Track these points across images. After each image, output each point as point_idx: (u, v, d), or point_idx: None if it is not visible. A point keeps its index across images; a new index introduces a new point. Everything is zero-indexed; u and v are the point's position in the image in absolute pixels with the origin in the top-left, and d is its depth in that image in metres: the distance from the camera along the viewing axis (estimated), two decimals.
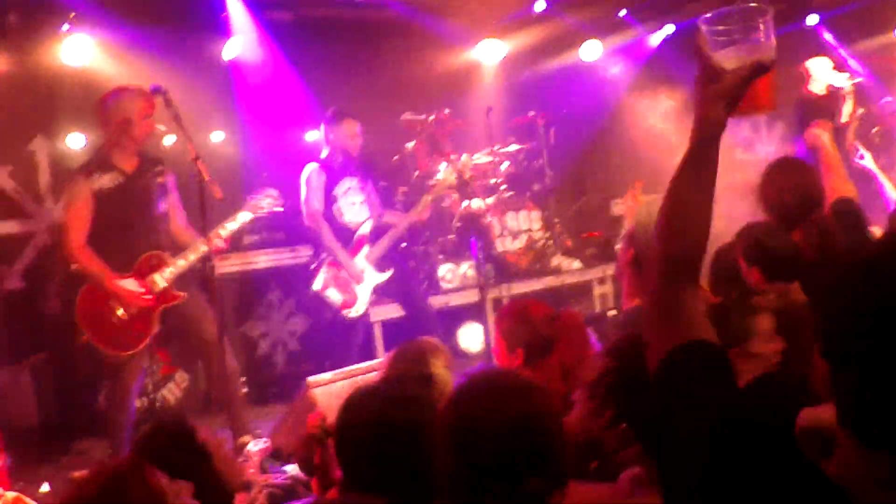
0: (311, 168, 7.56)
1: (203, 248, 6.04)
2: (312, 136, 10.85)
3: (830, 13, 11.75)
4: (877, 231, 5.04)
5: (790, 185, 4.80)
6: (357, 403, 2.77)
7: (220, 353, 5.99)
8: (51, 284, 7.64)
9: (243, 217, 6.36)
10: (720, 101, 1.87)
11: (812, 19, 11.88)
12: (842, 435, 1.51)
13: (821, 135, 5.88)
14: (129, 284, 5.96)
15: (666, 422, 1.71)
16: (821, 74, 8.34)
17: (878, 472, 1.45)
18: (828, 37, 11.89)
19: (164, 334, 6.62)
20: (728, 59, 1.88)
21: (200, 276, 6.74)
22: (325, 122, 7.70)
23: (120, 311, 5.97)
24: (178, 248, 6.25)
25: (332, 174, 7.57)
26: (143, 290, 5.99)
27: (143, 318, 6.03)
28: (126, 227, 6.05)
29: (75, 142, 8.50)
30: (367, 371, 5.50)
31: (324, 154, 7.67)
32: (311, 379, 5.33)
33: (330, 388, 5.18)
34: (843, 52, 11.67)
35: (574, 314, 4.56)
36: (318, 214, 7.51)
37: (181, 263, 6.10)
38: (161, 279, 6.04)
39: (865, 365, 1.42)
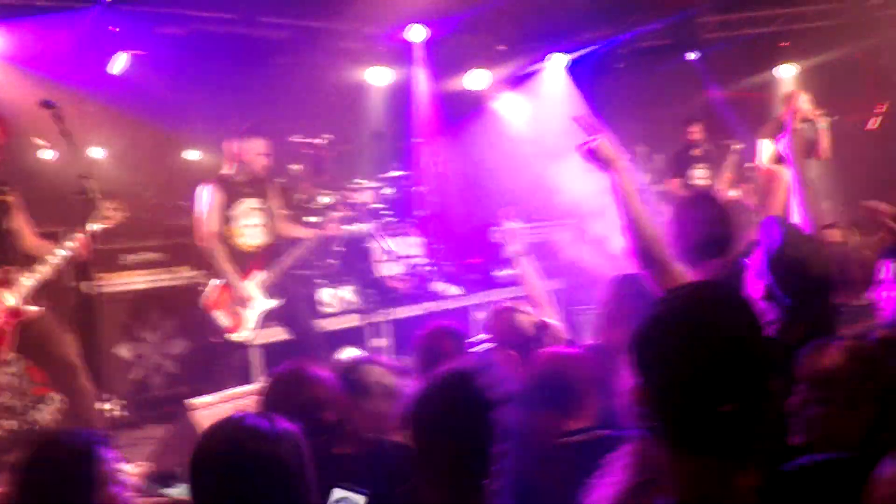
0: (207, 187, 7.25)
1: (54, 261, 5.92)
2: (194, 155, 10.75)
3: (712, 49, 12.10)
4: None
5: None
6: (214, 435, 2.58)
7: (78, 371, 5.90)
8: None
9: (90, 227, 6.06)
10: None
11: (692, 56, 12.24)
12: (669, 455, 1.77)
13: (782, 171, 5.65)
14: None
15: None
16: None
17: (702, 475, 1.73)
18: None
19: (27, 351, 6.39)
20: None
21: (56, 293, 6.55)
22: (234, 136, 7.37)
23: None
24: (31, 264, 6.06)
25: (231, 193, 7.29)
26: None
27: None
28: None
29: None
30: (250, 394, 5.47)
31: (226, 170, 7.39)
32: (193, 401, 5.27)
33: (212, 412, 5.13)
34: (719, 89, 12.12)
35: None
36: (214, 236, 7.21)
37: (29, 280, 5.88)
38: (10, 296, 5.85)
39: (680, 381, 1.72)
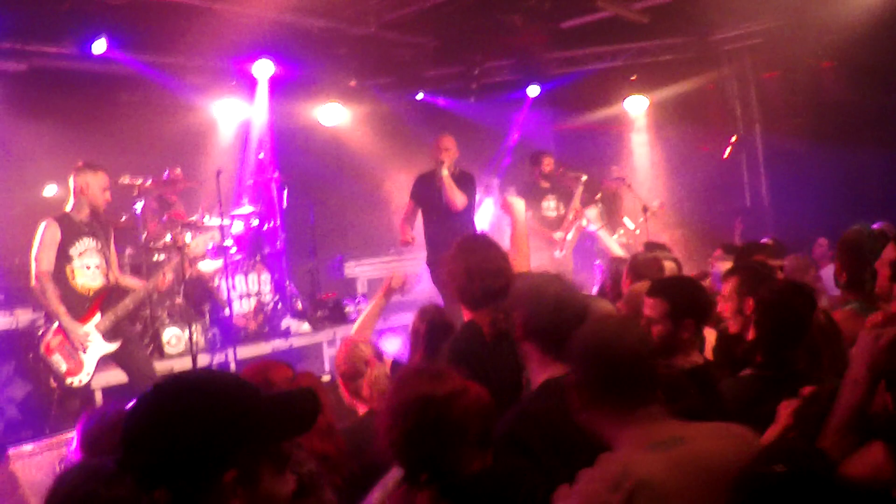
0: (46, 223, 7.01)
1: None
2: (51, 190, 10.54)
3: (560, 83, 12.38)
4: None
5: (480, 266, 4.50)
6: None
7: None
8: None
9: None
10: None
11: (533, 90, 12.51)
12: None
13: (515, 203, 5.60)
14: None
15: None
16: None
17: None
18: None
19: None
20: None
21: None
22: (75, 171, 7.14)
23: None
24: None
25: (70, 232, 7.05)
26: None
27: None
28: None
29: None
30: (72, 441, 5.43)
31: (68, 206, 7.15)
32: (13, 451, 5.21)
33: (32, 461, 5.10)
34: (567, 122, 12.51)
35: (311, 375, 4.39)
36: (47, 275, 6.93)
37: None
38: None
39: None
